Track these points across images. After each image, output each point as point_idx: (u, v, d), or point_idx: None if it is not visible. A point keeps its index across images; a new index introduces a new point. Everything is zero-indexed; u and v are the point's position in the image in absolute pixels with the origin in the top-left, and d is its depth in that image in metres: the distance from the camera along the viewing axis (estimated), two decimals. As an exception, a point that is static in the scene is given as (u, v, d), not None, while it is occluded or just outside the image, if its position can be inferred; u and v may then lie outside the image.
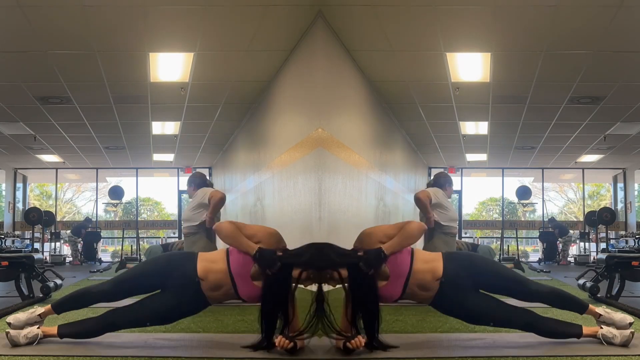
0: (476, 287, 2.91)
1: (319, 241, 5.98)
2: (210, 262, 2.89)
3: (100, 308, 3.05)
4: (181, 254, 3.18)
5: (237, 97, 9.01)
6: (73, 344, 2.89)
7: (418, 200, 4.80)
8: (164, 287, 2.89)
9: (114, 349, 2.81)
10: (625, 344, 2.87)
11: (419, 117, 9.99)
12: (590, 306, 3.04)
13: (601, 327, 2.97)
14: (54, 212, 15.05)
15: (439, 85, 8.12)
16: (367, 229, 2.96)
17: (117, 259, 14.24)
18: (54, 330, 2.93)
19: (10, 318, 2.94)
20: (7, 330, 2.90)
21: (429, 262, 2.90)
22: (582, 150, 12.67)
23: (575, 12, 5.82)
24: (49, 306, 3.03)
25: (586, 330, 2.97)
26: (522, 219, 19.94)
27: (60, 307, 3.03)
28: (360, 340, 2.71)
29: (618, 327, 2.94)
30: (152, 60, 7.20)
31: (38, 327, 2.94)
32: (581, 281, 5.25)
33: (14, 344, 2.84)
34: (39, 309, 3.01)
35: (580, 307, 3.04)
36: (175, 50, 7.03)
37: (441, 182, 5.10)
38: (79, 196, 29.10)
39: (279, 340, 2.70)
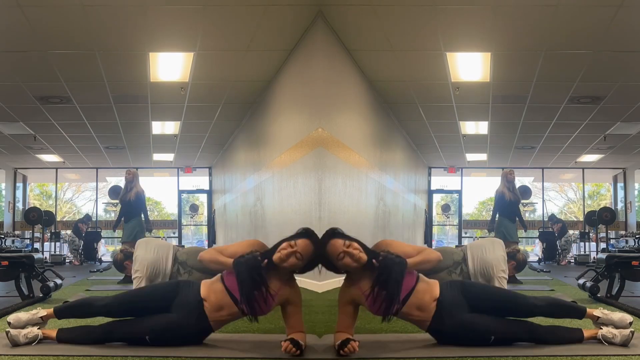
0: (473, 312, 2.91)
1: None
2: (210, 283, 2.92)
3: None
4: (188, 280, 3.20)
5: (237, 97, 9.01)
6: (73, 344, 2.89)
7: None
8: (167, 310, 2.89)
9: (114, 349, 2.81)
10: (625, 343, 2.87)
11: (419, 117, 9.99)
12: (588, 310, 3.05)
13: (600, 328, 2.97)
14: (54, 212, 15.05)
15: (439, 85, 8.12)
16: (386, 240, 2.98)
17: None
18: (53, 332, 2.93)
19: (11, 317, 2.94)
20: (7, 329, 2.90)
21: (429, 283, 2.92)
22: (582, 150, 12.68)
23: (575, 12, 5.82)
24: (51, 309, 3.03)
25: (587, 333, 2.97)
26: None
27: (62, 313, 3.04)
28: (355, 346, 2.69)
29: (617, 327, 2.94)
30: (152, 60, 7.21)
31: (39, 328, 2.94)
32: (581, 281, 5.24)
33: (14, 344, 2.84)
34: (41, 311, 3.00)
35: (579, 313, 3.06)
36: (175, 50, 7.04)
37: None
38: (79, 196, 29.11)
39: (285, 345, 2.67)
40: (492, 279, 4.54)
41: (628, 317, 2.97)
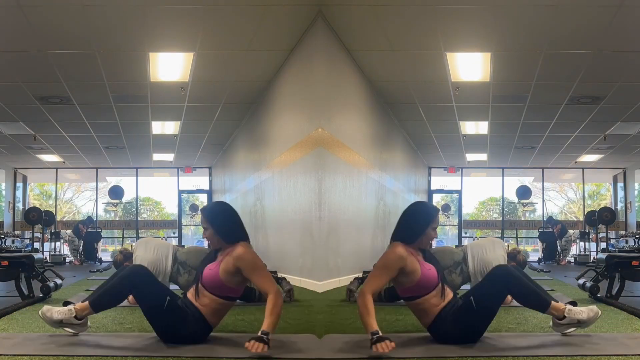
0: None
1: (318, 240, 5.98)
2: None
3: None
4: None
5: (237, 97, 9.02)
6: (72, 345, 2.89)
7: None
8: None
9: (114, 349, 2.81)
10: (589, 320, 2.90)
11: (419, 117, 9.99)
12: (554, 303, 2.93)
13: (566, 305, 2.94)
14: (54, 212, 15.05)
15: (439, 85, 8.12)
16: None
17: (117, 259, 14.23)
18: (85, 306, 2.92)
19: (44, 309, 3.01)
20: (40, 310, 2.99)
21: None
22: (582, 150, 12.68)
23: (575, 12, 5.82)
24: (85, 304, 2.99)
25: (554, 305, 2.91)
26: (522, 219, 19.95)
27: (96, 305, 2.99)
28: (390, 346, 2.60)
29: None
30: (152, 60, 7.21)
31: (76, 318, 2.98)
32: (581, 281, 5.24)
33: (48, 320, 2.88)
34: (74, 309, 2.98)
35: (543, 305, 2.94)
36: (175, 50, 7.04)
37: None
38: (79, 196, 29.12)
39: (250, 346, 2.58)
40: None
41: (595, 310, 2.91)
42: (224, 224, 3.05)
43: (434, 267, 2.96)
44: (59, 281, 5.31)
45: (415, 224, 3.02)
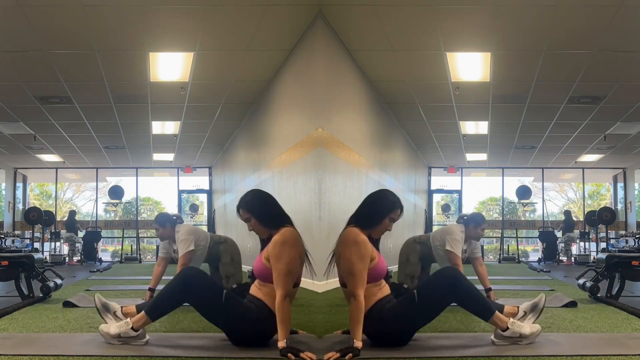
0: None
1: (318, 240, 5.98)
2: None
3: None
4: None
5: (237, 97, 9.02)
6: (73, 344, 2.89)
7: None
8: None
9: (114, 349, 2.81)
10: (532, 335, 2.85)
11: (419, 117, 10.00)
12: (498, 313, 2.86)
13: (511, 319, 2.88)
14: (54, 212, 15.04)
15: (439, 85, 8.13)
16: None
17: (117, 259, 14.25)
18: (141, 315, 2.85)
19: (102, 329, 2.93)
20: (100, 330, 2.93)
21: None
22: (582, 150, 12.68)
23: (575, 12, 5.83)
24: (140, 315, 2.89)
25: (499, 315, 2.85)
26: (522, 219, 19.92)
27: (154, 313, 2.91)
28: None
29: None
30: (152, 60, 7.21)
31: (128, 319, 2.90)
32: (581, 281, 5.25)
33: (107, 337, 2.86)
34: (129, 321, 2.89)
35: (486, 313, 2.86)
36: (175, 50, 7.04)
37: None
38: (79, 196, 29.09)
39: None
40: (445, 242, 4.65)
41: (538, 327, 2.88)
42: (265, 210, 2.92)
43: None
44: (59, 281, 5.31)
45: (374, 209, 2.89)
